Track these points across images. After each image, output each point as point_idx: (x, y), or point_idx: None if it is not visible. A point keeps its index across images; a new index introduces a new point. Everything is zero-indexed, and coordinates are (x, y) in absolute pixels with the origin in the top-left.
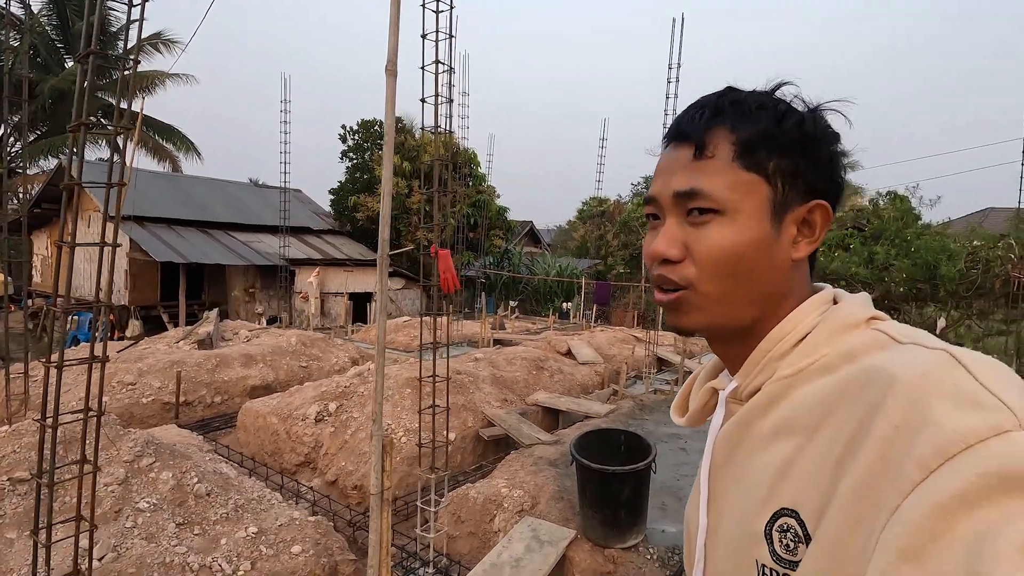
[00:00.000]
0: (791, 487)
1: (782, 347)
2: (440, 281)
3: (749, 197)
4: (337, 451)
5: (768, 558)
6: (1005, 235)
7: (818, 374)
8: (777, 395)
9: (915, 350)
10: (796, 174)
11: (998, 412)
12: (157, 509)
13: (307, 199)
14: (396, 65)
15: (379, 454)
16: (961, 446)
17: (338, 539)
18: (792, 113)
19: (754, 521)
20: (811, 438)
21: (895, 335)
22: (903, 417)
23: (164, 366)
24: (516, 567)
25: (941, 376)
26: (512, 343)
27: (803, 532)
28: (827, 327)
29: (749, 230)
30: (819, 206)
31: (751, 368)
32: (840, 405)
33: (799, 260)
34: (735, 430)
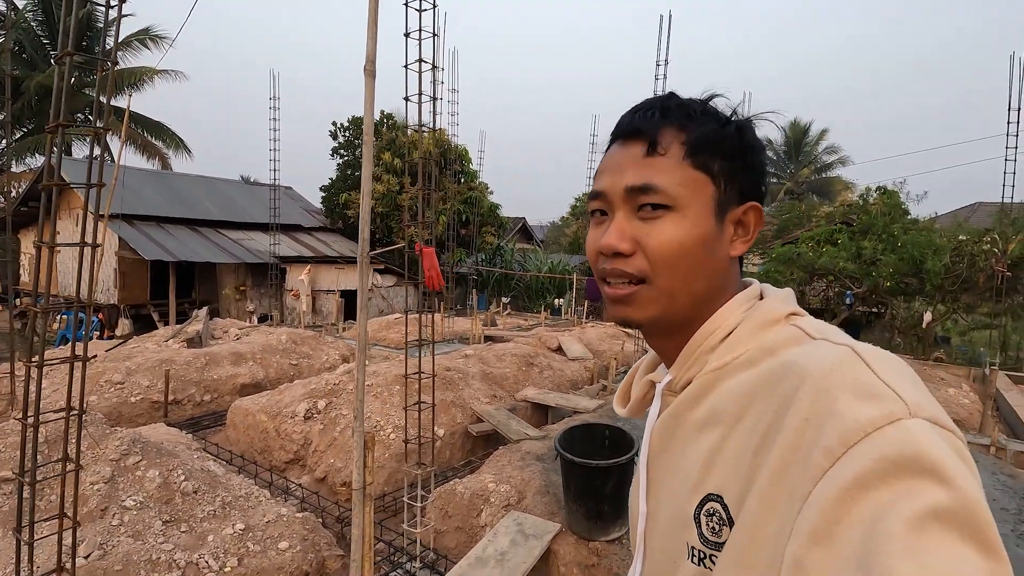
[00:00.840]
0: (716, 474)
1: (711, 341)
2: (425, 279)
3: (697, 195)
4: (326, 448)
5: (697, 540)
6: (990, 229)
7: (741, 368)
8: (706, 387)
9: (824, 345)
10: (734, 176)
11: (892, 402)
12: (143, 507)
13: (298, 196)
14: (374, 66)
15: (361, 450)
16: (861, 434)
17: (326, 535)
18: (733, 120)
19: (685, 506)
20: (733, 428)
21: (809, 331)
22: (812, 409)
23: (153, 365)
24: (501, 561)
25: (844, 370)
26: (503, 339)
27: (727, 516)
28: (751, 323)
29: (697, 226)
30: (753, 207)
31: (684, 361)
32: (759, 397)
33: (735, 258)
34: (669, 421)
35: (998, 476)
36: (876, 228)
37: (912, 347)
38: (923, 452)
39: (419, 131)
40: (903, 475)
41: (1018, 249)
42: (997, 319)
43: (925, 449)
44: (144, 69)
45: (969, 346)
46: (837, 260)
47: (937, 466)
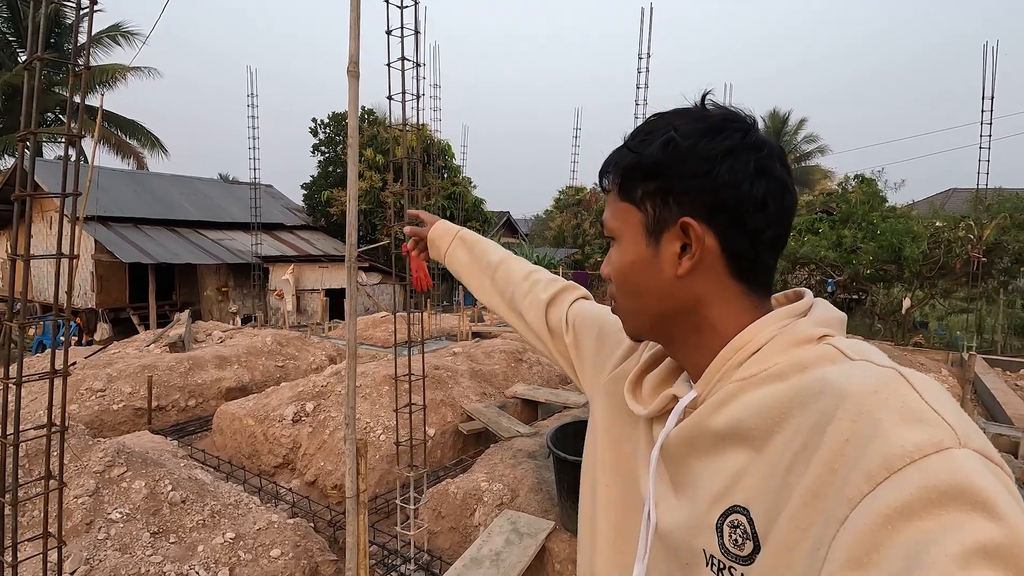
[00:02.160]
0: (744, 487)
1: (740, 356)
2: (412, 280)
3: (626, 224)
4: (316, 451)
5: (716, 549)
6: (965, 216)
7: (769, 381)
8: (730, 396)
9: (866, 366)
10: (667, 193)
11: (940, 429)
12: (130, 519)
13: (279, 194)
14: (358, 67)
15: (353, 457)
16: (906, 460)
17: (318, 540)
18: (659, 137)
19: (706, 514)
20: (765, 442)
21: (846, 351)
22: (853, 430)
23: (135, 371)
24: (496, 560)
25: (890, 393)
26: (491, 335)
27: (751, 530)
28: (782, 339)
29: (628, 252)
30: (685, 222)
31: (710, 378)
32: (792, 413)
33: (685, 275)
34: (690, 429)
35: None
36: (856, 216)
37: (892, 332)
38: (973, 484)
39: (402, 129)
40: (950, 506)
41: (992, 235)
42: (973, 303)
43: (975, 481)
44: (116, 67)
45: (947, 330)
46: (818, 249)
47: (988, 500)
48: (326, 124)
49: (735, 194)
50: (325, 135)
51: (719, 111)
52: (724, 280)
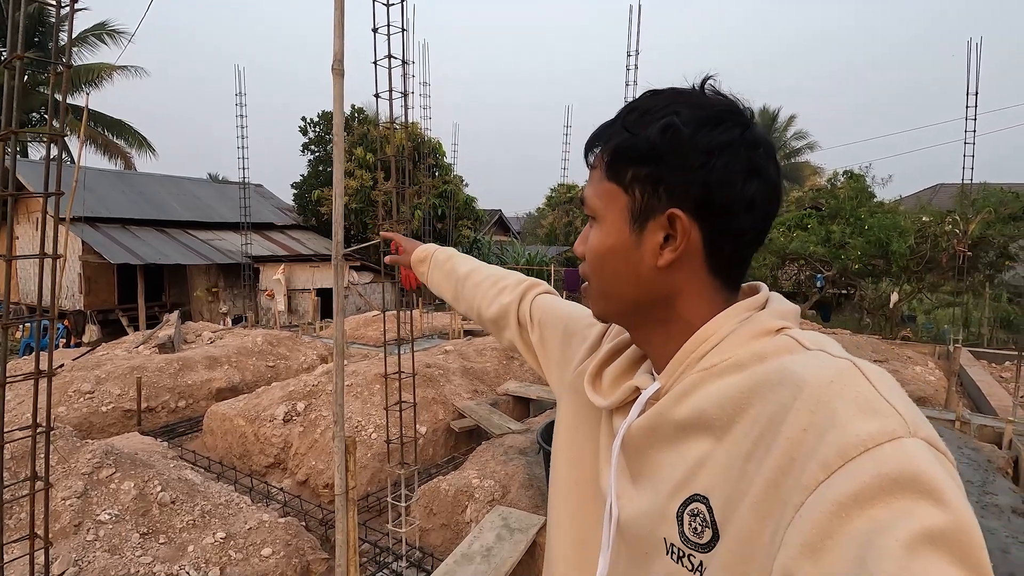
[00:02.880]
0: (704, 476)
1: (702, 349)
2: (402, 279)
3: (610, 206)
4: (307, 451)
5: (676, 537)
6: (951, 211)
7: (729, 371)
8: (692, 386)
9: (822, 357)
10: (658, 181)
11: (893, 419)
12: (119, 520)
13: (269, 194)
14: (343, 65)
15: (342, 454)
16: (860, 449)
17: (310, 539)
18: (657, 120)
19: (666, 503)
20: (726, 432)
21: (803, 341)
22: (810, 420)
23: (123, 372)
24: (487, 556)
25: (845, 383)
26: (483, 333)
27: (711, 518)
28: (743, 332)
29: (610, 236)
30: (673, 214)
31: (673, 370)
32: (752, 402)
33: (664, 267)
34: (652, 420)
35: (963, 450)
36: (844, 212)
37: (880, 326)
38: (921, 472)
39: (390, 127)
40: (901, 494)
41: (978, 230)
42: (959, 297)
43: (924, 469)
44: (102, 65)
45: (934, 324)
46: (807, 244)
47: (935, 487)
48: (316, 123)
49: (727, 192)
50: (315, 134)
51: (720, 100)
52: (701, 274)
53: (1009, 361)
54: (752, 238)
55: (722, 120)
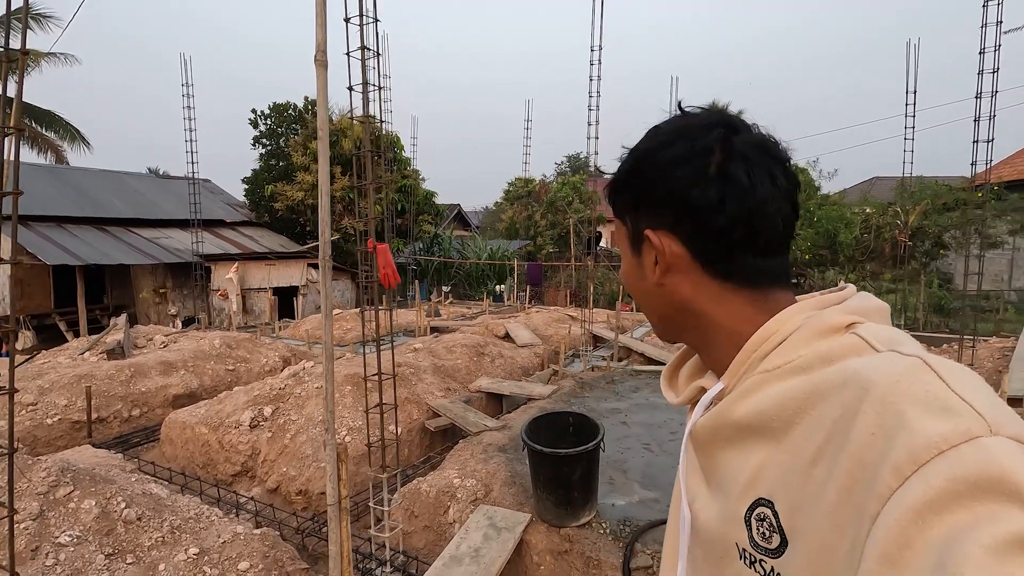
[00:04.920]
0: (767, 479)
1: (765, 348)
2: (380, 277)
3: (619, 237)
4: (277, 457)
5: (747, 543)
6: (893, 203)
7: (792, 373)
8: (753, 387)
9: (891, 356)
10: (637, 208)
11: (969, 418)
12: (81, 541)
13: (218, 189)
14: (326, 55)
15: (334, 463)
16: (934, 452)
17: (287, 549)
18: (628, 156)
19: (736, 506)
20: (786, 434)
21: (872, 341)
22: (878, 423)
23: (70, 381)
24: (475, 556)
25: (914, 382)
26: (450, 330)
27: (776, 523)
28: (807, 330)
29: (624, 263)
30: (645, 234)
31: (736, 370)
32: (813, 405)
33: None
34: (714, 420)
35: None
36: None
37: None
38: (1007, 473)
39: (365, 122)
40: (983, 498)
41: (917, 220)
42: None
43: (1009, 470)
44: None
45: None
46: None
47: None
48: (267, 115)
49: (687, 200)
50: (266, 127)
51: (675, 122)
52: (704, 281)
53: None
54: (744, 238)
55: (673, 141)
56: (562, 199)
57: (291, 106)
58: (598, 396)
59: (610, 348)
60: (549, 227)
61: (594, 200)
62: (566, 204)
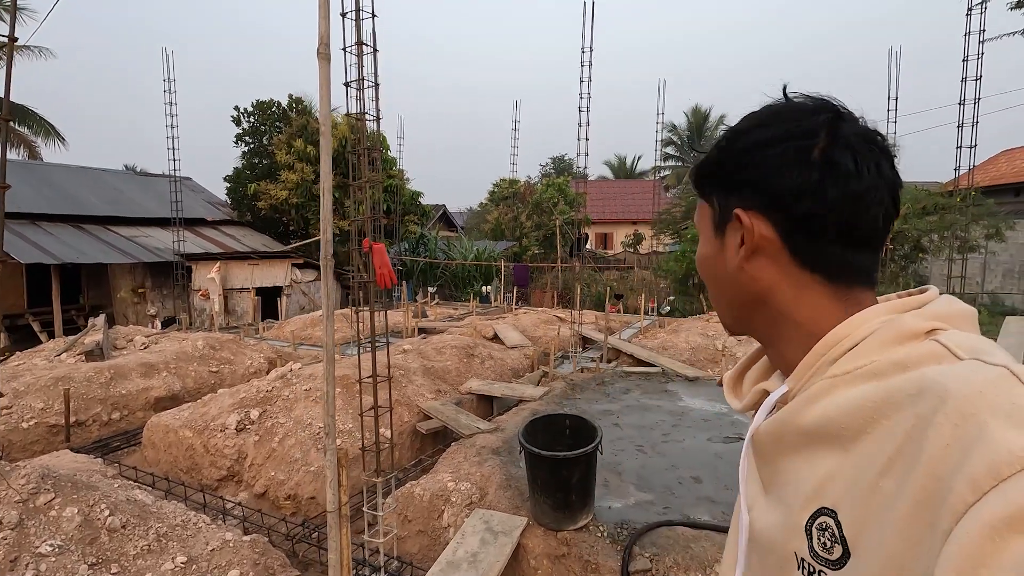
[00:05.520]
0: (832, 488)
1: (836, 351)
2: (376, 277)
3: (703, 220)
4: (264, 461)
5: (807, 553)
6: None
7: (864, 379)
8: (821, 392)
9: (974, 365)
10: (727, 187)
11: None
12: (64, 551)
13: (199, 187)
14: (329, 48)
15: (334, 468)
16: (1017, 467)
17: (278, 556)
18: (720, 138)
19: (796, 516)
20: (855, 442)
21: (955, 349)
22: (954, 434)
23: (47, 384)
24: (473, 562)
25: (998, 393)
26: (437, 331)
27: (839, 534)
28: (883, 334)
29: (703, 246)
30: (735, 213)
31: (803, 372)
32: (886, 414)
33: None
34: (777, 426)
35: None
36: None
37: None
38: None
39: (360, 119)
40: None
41: (897, 224)
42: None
43: None
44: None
45: None
46: None
47: None
48: (250, 113)
49: (784, 181)
50: (249, 124)
51: (775, 106)
52: (790, 269)
53: None
54: (839, 226)
55: (771, 123)
56: (548, 200)
57: (275, 104)
58: (589, 398)
59: (599, 349)
60: (535, 228)
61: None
62: (552, 205)
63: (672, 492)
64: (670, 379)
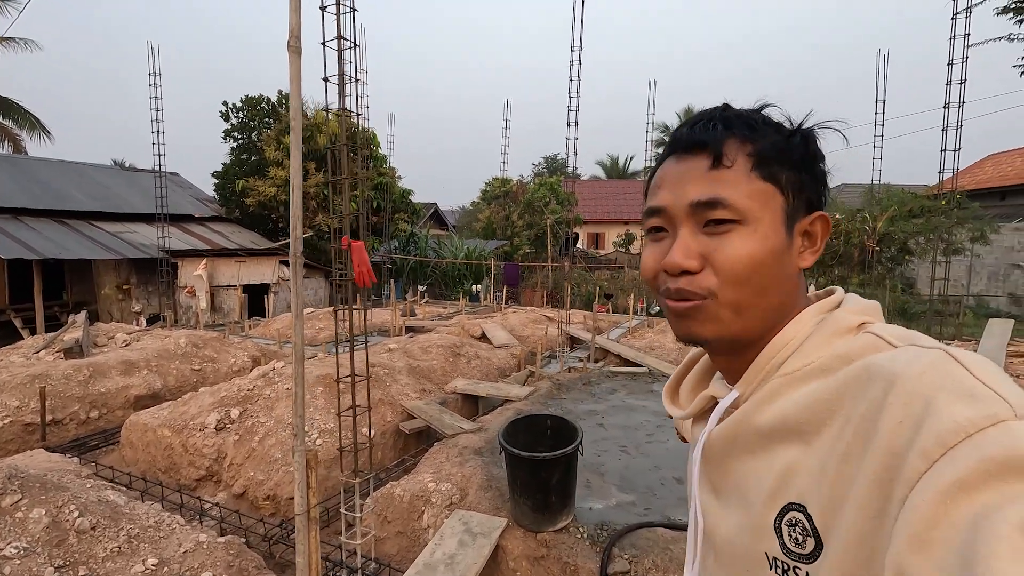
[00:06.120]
0: (797, 483)
1: (782, 355)
2: (355, 276)
3: (767, 207)
4: (244, 460)
5: (779, 551)
6: (860, 209)
7: (815, 375)
8: (774, 392)
9: (912, 350)
10: (801, 187)
11: (995, 403)
12: (29, 554)
13: (186, 183)
14: (300, 41)
15: (303, 470)
16: (961, 436)
17: (254, 558)
18: (798, 131)
19: (762, 516)
20: (815, 435)
21: (889, 338)
22: (906, 412)
23: (23, 381)
24: (451, 564)
25: (939, 372)
26: (425, 330)
27: (811, 526)
28: (822, 333)
29: (768, 239)
30: (821, 217)
31: (752, 378)
32: (842, 404)
33: (804, 269)
34: (732, 428)
35: None
36: None
37: None
38: None
39: (341, 115)
40: (1010, 478)
41: (884, 226)
42: (865, 289)
43: None
44: None
45: None
46: None
47: None
48: (239, 108)
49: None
50: (238, 120)
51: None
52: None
53: None
54: None
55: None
56: (539, 200)
57: (264, 99)
58: (575, 398)
59: (587, 349)
60: (526, 227)
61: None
62: (543, 205)
63: (654, 493)
64: (656, 379)
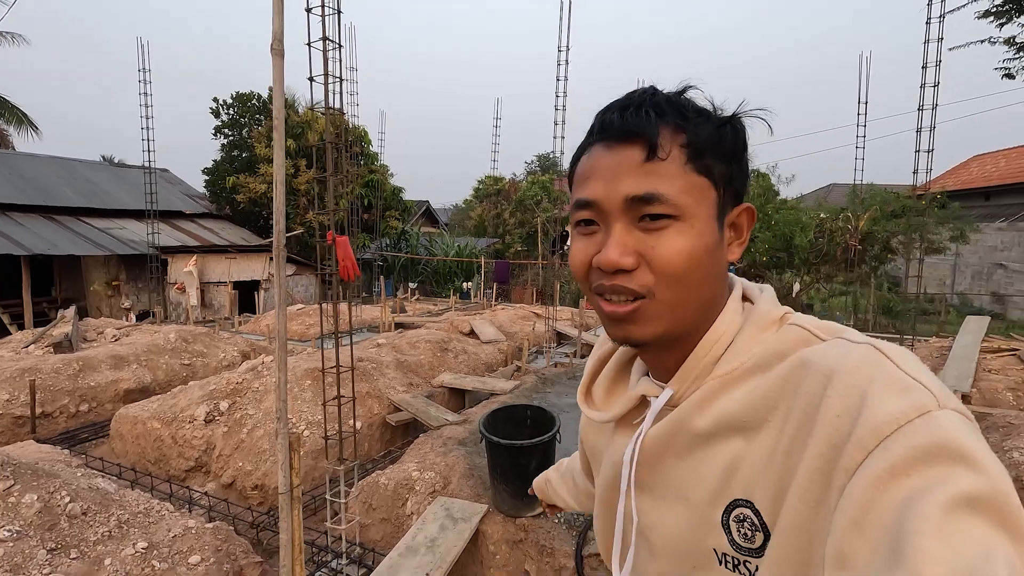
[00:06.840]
0: (743, 479)
1: (716, 350)
2: (339, 269)
3: (702, 202)
4: (232, 451)
5: (727, 547)
6: (844, 209)
7: (752, 373)
8: (711, 393)
9: (842, 344)
10: (731, 179)
11: (921, 395)
12: (22, 536)
13: (176, 180)
14: (282, 44)
15: (286, 451)
16: (894, 426)
17: (241, 543)
18: (729, 121)
19: (707, 513)
20: (758, 431)
21: (815, 331)
22: (844, 406)
23: (12, 375)
24: (431, 546)
25: (871, 366)
26: (414, 326)
27: (759, 521)
28: (751, 327)
29: (704, 236)
30: (747, 209)
31: (688, 375)
32: (783, 399)
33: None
34: (670, 428)
35: None
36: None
37: None
38: (954, 440)
39: (327, 113)
40: (935, 462)
41: (867, 225)
42: (850, 287)
43: (956, 437)
44: None
45: (828, 311)
46: None
47: (969, 454)
48: (229, 105)
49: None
50: (228, 116)
51: None
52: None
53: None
54: None
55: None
56: (531, 198)
57: (255, 96)
58: (559, 391)
59: (573, 345)
60: (518, 226)
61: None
62: (535, 203)
63: None
64: None
